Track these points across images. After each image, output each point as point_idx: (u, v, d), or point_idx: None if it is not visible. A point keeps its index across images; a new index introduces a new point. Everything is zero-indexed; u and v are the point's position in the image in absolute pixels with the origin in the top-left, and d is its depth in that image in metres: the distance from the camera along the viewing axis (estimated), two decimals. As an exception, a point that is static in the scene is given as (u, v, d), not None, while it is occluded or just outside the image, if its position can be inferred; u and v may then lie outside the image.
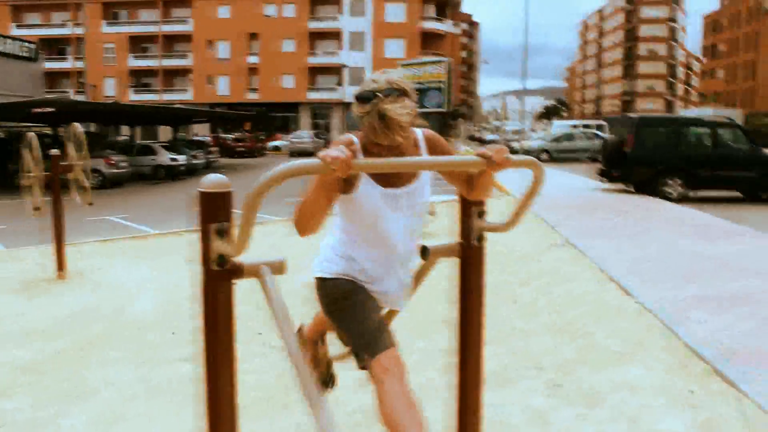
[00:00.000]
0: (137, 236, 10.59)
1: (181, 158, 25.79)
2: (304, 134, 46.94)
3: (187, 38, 63.08)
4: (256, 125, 50.98)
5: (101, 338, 5.13)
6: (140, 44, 64.43)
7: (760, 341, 4.84)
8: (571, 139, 34.71)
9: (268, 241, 9.12)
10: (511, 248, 8.45)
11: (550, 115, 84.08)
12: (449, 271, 2.57)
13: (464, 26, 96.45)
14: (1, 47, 28.74)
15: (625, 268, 7.39)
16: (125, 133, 38.10)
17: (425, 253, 2.52)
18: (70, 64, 63.70)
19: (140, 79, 64.77)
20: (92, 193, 8.19)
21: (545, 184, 2.24)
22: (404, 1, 59.41)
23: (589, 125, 42.38)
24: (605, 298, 6.16)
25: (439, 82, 42.58)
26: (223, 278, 1.96)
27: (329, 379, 3.03)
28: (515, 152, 35.07)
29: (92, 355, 4.74)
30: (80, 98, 42.87)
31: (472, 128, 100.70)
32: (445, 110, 42.99)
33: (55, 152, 7.56)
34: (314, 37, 61.22)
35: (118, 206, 15.86)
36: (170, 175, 25.30)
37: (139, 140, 34.68)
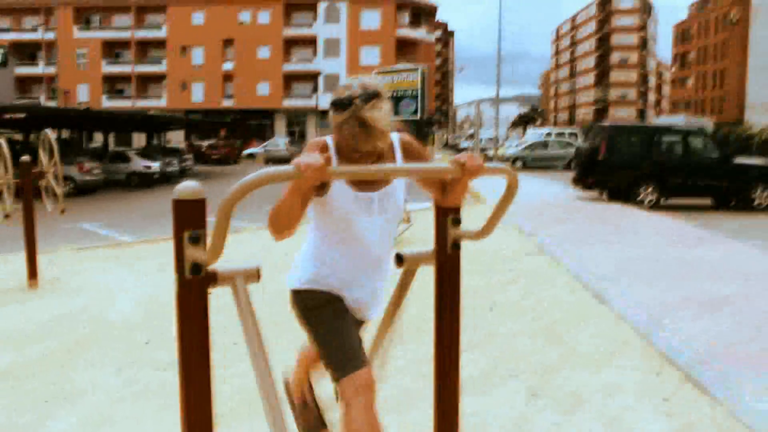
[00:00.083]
0: (112, 244, 10.46)
1: (155, 165, 25.60)
2: (279, 141, 46.84)
3: (161, 44, 62.51)
4: (231, 132, 50.73)
5: (78, 346, 5.04)
6: (114, 50, 63.77)
7: (736, 346, 4.91)
8: (545, 147, 35.06)
9: (244, 249, 9.06)
10: (486, 254, 8.49)
11: (525, 122, 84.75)
12: (427, 278, 2.57)
13: (439, 34, 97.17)
14: (-31, 52, 28.35)
15: (601, 274, 7.47)
16: (99, 139, 37.66)
17: (400, 260, 2.52)
18: (42, 69, 62.84)
19: (114, 85, 64.05)
20: (65, 200, 8.08)
21: (520, 191, 2.26)
22: (379, 8, 59.60)
23: (563, 133, 42.82)
24: (581, 304, 6.21)
25: (413, 90, 42.69)
26: (197, 286, 1.95)
27: (321, 423, 2.94)
28: (490, 160, 35.31)
29: (66, 363, 4.66)
30: (51, 104, 42.32)
31: (447, 136, 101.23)
32: (419, 118, 43.10)
33: (25, 158, 7.44)
34: (289, 43, 61.14)
35: (91, 214, 15.65)
36: (144, 182, 25.10)
37: (112, 147, 34.32)
